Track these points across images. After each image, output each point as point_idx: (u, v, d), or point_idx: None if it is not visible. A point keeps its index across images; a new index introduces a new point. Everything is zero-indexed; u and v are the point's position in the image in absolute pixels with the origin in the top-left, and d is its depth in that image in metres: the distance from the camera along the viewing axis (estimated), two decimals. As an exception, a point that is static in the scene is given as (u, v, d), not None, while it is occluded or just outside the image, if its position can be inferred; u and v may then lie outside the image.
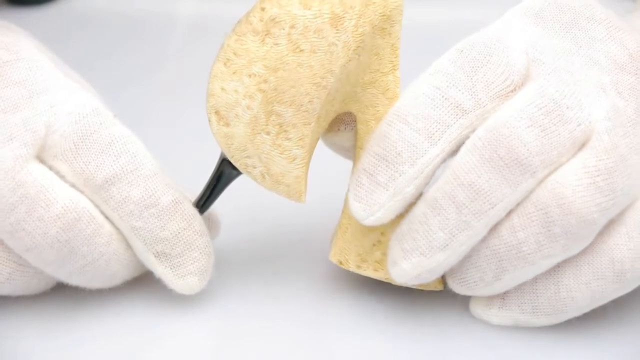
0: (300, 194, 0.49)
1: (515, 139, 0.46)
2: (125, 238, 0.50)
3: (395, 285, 0.50)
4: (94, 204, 0.49)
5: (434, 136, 0.47)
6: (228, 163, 0.50)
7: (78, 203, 0.48)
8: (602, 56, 0.49)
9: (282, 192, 0.49)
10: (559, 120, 0.46)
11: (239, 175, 0.50)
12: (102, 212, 0.49)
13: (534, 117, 0.46)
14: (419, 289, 0.51)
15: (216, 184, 0.51)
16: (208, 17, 0.84)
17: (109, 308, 0.51)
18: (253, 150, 0.48)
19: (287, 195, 0.49)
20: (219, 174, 0.50)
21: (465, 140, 0.47)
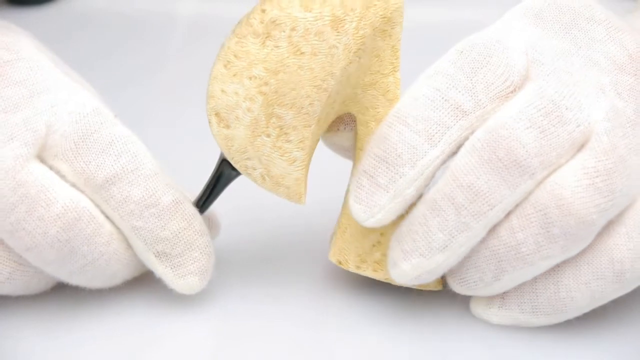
0: (300, 195, 0.49)
1: (514, 141, 0.46)
2: (126, 238, 0.50)
3: (394, 285, 0.50)
4: (94, 204, 0.49)
5: (434, 138, 0.47)
6: (228, 164, 0.50)
7: (78, 203, 0.48)
8: (602, 57, 0.49)
9: (282, 194, 0.49)
10: (558, 122, 0.46)
11: (238, 175, 0.50)
12: (103, 212, 0.49)
13: (533, 119, 0.46)
14: (419, 289, 0.51)
15: (215, 184, 0.50)
16: (208, 17, 0.84)
17: (109, 308, 0.51)
18: (253, 152, 0.48)
19: (287, 196, 0.49)
20: (219, 174, 0.50)
21: (465, 142, 0.47)
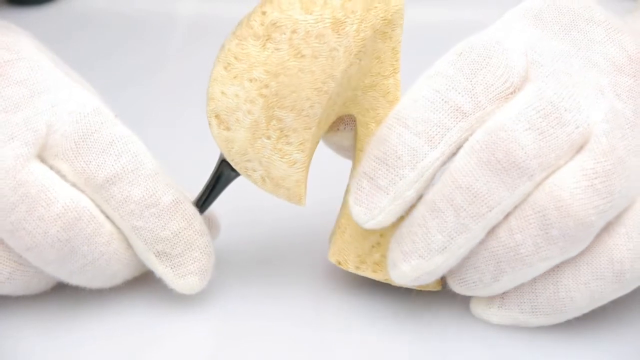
0: (300, 197, 0.49)
1: (512, 142, 0.46)
2: (126, 237, 0.50)
3: (394, 286, 0.50)
4: (94, 204, 0.49)
5: (434, 139, 0.47)
6: (227, 164, 0.49)
7: (79, 202, 0.48)
8: (601, 58, 0.49)
9: (282, 196, 0.49)
10: (557, 123, 0.46)
11: (237, 176, 0.50)
12: (103, 212, 0.49)
13: (532, 120, 0.46)
14: (418, 289, 0.51)
15: (215, 184, 0.50)
16: (208, 17, 0.84)
17: (109, 308, 0.51)
18: (253, 154, 0.48)
19: (287, 198, 0.49)
20: (218, 175, 0.50)
21: (464, 143, 0.47)
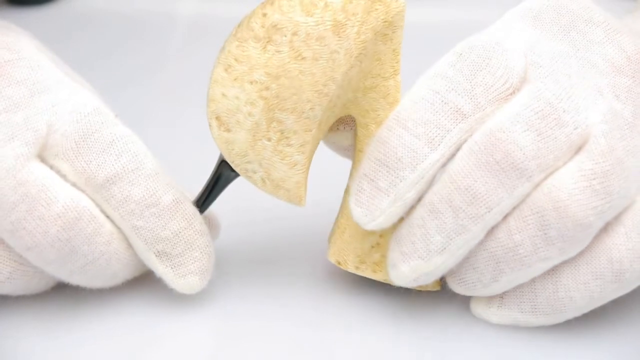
0: (300, 198, 0.49)
1: (511, 143, 0.46)
2: (126, 237, 0.50)
3: (394, 286, 0.50)
4: (94, 203, 0.49)
5: (434, 141, 0.47)
6: (227, 165, 0.49)
7: (79, 202, 0.48)
8: (600, 59, 0.49)
9: (282, 197, 0.49)
10: (556, 124, 0.46)
11: (237, 176, 0.50)
12: (103, 212, 0.49)
13: (531, 121, 0.46)
14: (418, 289, 0.51)
15: (215, 185, 0.50)
16: (208, 17, 0.84)
17: (109, 308, 0.51)
18: (254, 155, 0.48)
19: (287, 199, 0.49)
20: (218, 175, 0.50)
21: (463, 144, 0.47)
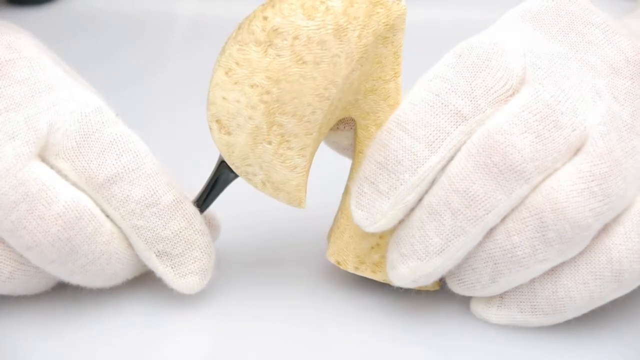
0: (301, 200, 0.49)
1: (509, 146, 0.46)
2: (126, 237, 0.50)
3: (393, 286, 0.50)
4: (95, 203, 0.49)
5: (434, 144, 0.47)
6: (226, 166, 0.49)
7: (79, 201, 0.48)
8: (599, 60, 0.49)
9: (283, 199, 0.49)
10: (554, 126, 0.46)
11: (236, 177, 0.50)
12: (104, 211, 0.49)
13: (529, 123, 0.46)
14: (417, 289, 0.51)
15: (214, 186, 0.50)
16: (208, 17, 0.84)
17: (109, 308, 0.51)
18: (254, 158, 0.48)
19: (288, 201, 0.49)
20: (217, 176, 0.50)
21: (462, 146, 0.47)
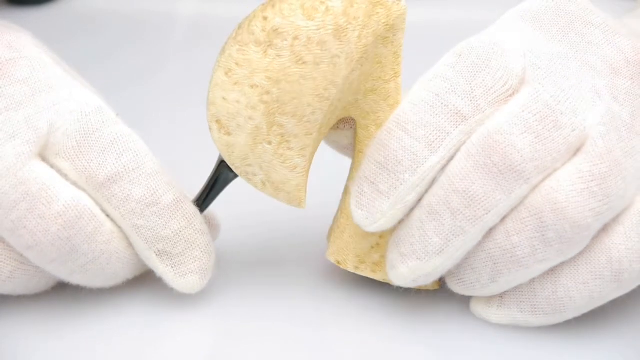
0: (301, 200, 0.49)
1: (509, 146, 0.46)
2: (127, 236, 0.50)
3: (393, 285, 0.50)
4: (95, 202, 0.49)
5: (434, 144, 0.47)
6: (226, 166, 0.49)
7: (79, 201, 0.48)
8: (598, 60, 0.49)
9: (283, 199, 0.49)
10: (553, 126, 0.46)
11: (236, 177, 0.50)
12: (104, 211, 0.49)
13: (528, 123, 0.46)
14: (416, 288, 0.51)
15: (214, 186, 0.50)
16: (208, 17, 0.84)
17: (109, 308, 0.51)
18: (254, 159, 0.48)
19: (288, 201, 0.49)
20: (217, 176, 0.50)
21: (462, 146, 0.47)
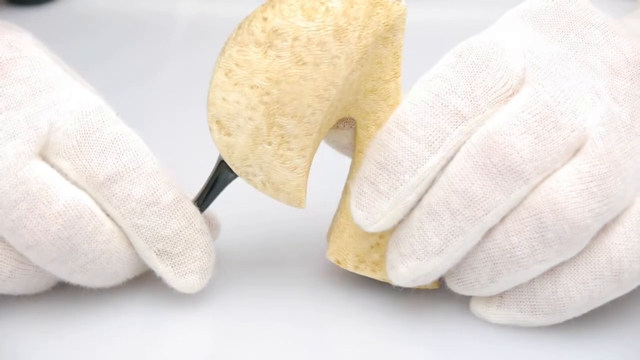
0: (301, 200, 0.49)
1: (508, 146, 0.46)
2: (127, 236, 0.50)
3: (392, 285, 0.50)
4: (95, 202, 0.49)
5: (434, 144, 0.47)
6: (226, 166, 0.49)
7: (80, 200, 0.48)
8: (598, 61, 0.49)
9: (283, 199, 0.49)
10: (553, 127, 0.46)
11: (235, 177, 0.50)
12: (104, 210, 0.49)
13: (528, 124, 0.46)
14: (416, 288, 0.51)
15: (213, 186, 0.50)
16: (208, 17, 0.84)
17: (109, 307, 0.51)
18: (254, 159, 0.48)
19: (288, 202, 0.49)
20: (217, 176, 0.50)
21: (462, 147, 0.47)
